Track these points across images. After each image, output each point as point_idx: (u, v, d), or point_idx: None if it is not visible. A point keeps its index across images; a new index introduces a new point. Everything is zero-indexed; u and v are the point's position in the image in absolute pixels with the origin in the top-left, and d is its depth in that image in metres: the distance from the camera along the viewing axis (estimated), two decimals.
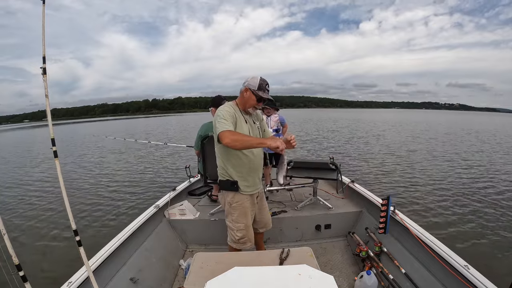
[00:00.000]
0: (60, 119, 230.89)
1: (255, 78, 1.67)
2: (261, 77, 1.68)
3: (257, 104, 1.71)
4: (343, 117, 44.47)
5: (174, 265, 2.26)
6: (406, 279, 1.76)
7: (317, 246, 2.50)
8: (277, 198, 3.07)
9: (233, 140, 1.46)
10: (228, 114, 1.59)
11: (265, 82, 1.68)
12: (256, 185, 1.81)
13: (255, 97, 1.68)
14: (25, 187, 6.91)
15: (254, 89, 1.66)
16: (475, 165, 7.62)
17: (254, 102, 1.70)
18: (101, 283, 1.48)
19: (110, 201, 5.41)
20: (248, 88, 1.67)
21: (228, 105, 1.70)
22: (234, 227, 1.78)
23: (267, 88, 1.69)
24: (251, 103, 1.70)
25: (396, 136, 15.83)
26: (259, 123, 1.86)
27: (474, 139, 14.11)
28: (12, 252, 1.23)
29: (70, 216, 1.38)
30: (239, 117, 1.68)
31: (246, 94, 1.68)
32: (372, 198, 2.52)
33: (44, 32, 1.25)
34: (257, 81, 1.66)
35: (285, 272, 1.09)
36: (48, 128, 1.36)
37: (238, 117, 1.67)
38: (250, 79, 1.68)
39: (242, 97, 1.71)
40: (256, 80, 1.66)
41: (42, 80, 1.28)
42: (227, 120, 1.56)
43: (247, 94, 1.68)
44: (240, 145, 1.50)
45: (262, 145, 1.55)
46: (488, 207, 4.50)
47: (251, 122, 1.77)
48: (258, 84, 1.65)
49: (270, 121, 3.39)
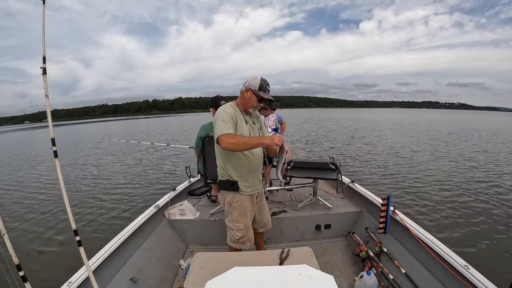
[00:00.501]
0: (61, 120, 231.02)
1: (256, 79, 1.68)
2: (262, 77, 1.69)
3: (258, 104, 1.72)
4: (343, 117, 44.47)
5: (174, 265, 2.26)
6: (406, 279, 1.76)
7: (317, 246, 2.50)
8: (277, 198, 3.06)
9: (232, 143, 1.49)
10: (228, 115, 1.60)
11: (265, 83, 1.68)
12: (256, 185, 1.82)
13: (256, 97, 1.68)
14: (25, 187, 6.92)
15: (255, 89, 1.66)
16: (475, 165, 7.61)
17: (255, 102, 1.71)
18: (101, 283, 1.48)
19: (110, 201, 5.42)
20: (249, 88, 1.67)
21: (228, 106, 1.71)
22: (233, 227, 1.78)
23: (268, 88, 1.70)
24: (252, 103, 1.71)
25: (396, 136, 15.82)
26: (259, 124, 1.87)
27: (476, 139, 14.10)
28: (12, 252, 1.23)
29: (70, 216, 1.38)
30: (240, 118, 1.69)
31: (247, 95, 1.69)
32: (372, 198, 2.52)
33: (44, 32, 1.26)
34: (258, 81, 1.67)
35: (285, 272, 1.09)
36: (48, 128, 1.37)
37: (238, 117, 1.67)
38: (251, 80, 1.68)
39: (243, 97, 1.71)
40: (257, 80, 1.67)
41: (42, 80, 1.28)
42: (226, 122, 1.56)
43: (248, 94, 1.68)
44: (238, 148, 1.54)
45: (260, 144, 1.59)
46: (488, 207, 4.50)
47: (251, 122, 1.78)
48: (259, 85, 1.66)
49: (268, 121, 3.39)
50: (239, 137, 1.56)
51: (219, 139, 1.51)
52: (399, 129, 20.23)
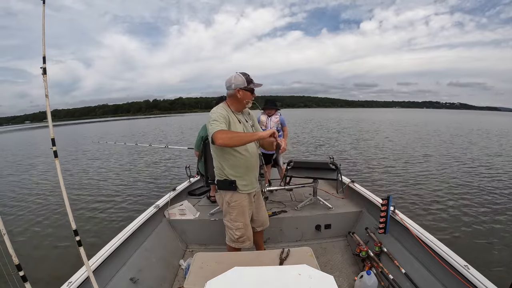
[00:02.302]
0: (61, 120, 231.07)
1: (239, 77, 1.69)
2: (239, 72, 1.71)
3: (252, 96, 1.75)
4: (344, 117, 44.43)
5: (174, 265, 2.26)
6: (406, 279, 1.76)
7: (317, 246, 2.50)
8: (277, 198, 3.06)
9: (227, 138, 1.49)
10: (221, 115, 1.61)
11: (246, 74, 1.71)
12: (253, 184, 1.82)
13: (249, 92, 1.71)
14: (25, 187, 6.92)
15: (245, 86, 1.69)
16: (476, 165, 7.60)
17: (250, 96, 1.74)
18: (101, 283, 1.48)
19: (110, 201, 5.42)
20: (239, 89, 1.69)
21: (220, 107, 1.72)
22: (232, 226, 1.79)
23: (251, 78, 1.73)
24: (248, 98, 1.73)
25: (397, 136, 15.80)
26: (251, 121, 1.89)
27: (478, 138, 14.09)
28: (12, 252, 1.23)
29: (70, 216, 1.38)
30: (232, 118, 1.70)
31: (240, 94, 1.70)
32: (372, 198, 2.52)
33: (44, 32, 1.26)
34: (242, 78, 1.68)
35: (285, 272, 1.09)
36: (48, 128, 1.37)
37: (231, 117, 1.69)
38: (234, 80, 1.69)
39: (236, 98, 1.72)
40: (240, 78, 1.68)
41: (42, 80, 1.28)
42: (219, 120, 1.57)
43: (241, 93, 1.70)
44: (234, 142, 1.53)
45: (255, 137, 1.59)
46: (489, 207, 4.49)
47: (244, 121, 1.79)
48: (245, 79, 1.68)
49: (270, 122, 3.38)
50: (233, 132, 1.58)
51: (214, 137, 1.51)
52: (399, 129, 20.21)
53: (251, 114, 1.93)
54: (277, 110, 3.45)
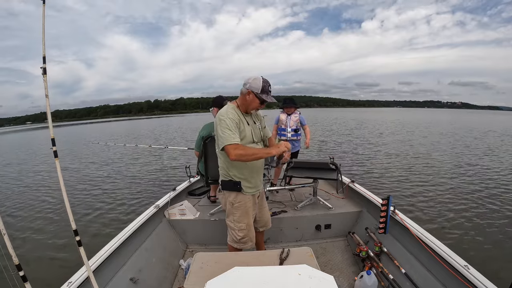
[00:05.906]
0: (62, 121, 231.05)
1: (257, 80, 1.60)
2: (263, 78, 1.61)
3: (260, 106, 1.69)
4: (344, 116, 44.34)
5: (174, 265, 2.26)
6: (406, 279, 1.76)
7: (317, 246, 2.50)
8: (277, 198, 3.06)
9: (240, 155, 1.50)
10: (233, 122, 1.57)
11: (267, 84, 1.62)
12: (258, 186, 1.82)
13: (258, 100, 1.63)
14: (25, 187, 6.93)
15: (257, 92, 1.60)
16: (476, 165, 7.58)
17: (257, 105, 1.67)
18: (101, 283, 1.48)
19: (110, 201, 5.42)
20: (251, 91, 1.61)
21: (231, 110, 1.65)
22: (235, 227, 1.78)
23: (270, 90, 1.64)
24: (254, 106, 1.67)
25: (397, 135, 15.77)
26: (260, 122, 1.86)
27: (479, 138, 14.06)
28: (12, 252, 1.23)
29: (70, 216, 1.38)
30: (242, 121, 1.66)
31: (249, 97, 1.63)
32: (372, 198, 2.52)
33: (44, 32, 1.26)
34: (260, 83, 1.59)
35: (285, 272, 1.09)
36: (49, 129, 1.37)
37: (241, 121, 1.65)
38: (252, 81, 1.60)
39: (244, 99, 1.66)
40: (259, 82, 1.59)
41: (43, 80, 1.29)
42: (232, 130, 1.54)
43: (250, 97, 1.62)
44: (246, 160, 1.56)
45: (268, 155, 1.58)
46: (489, 207, 4.48)
47: (252, 122, 1.75)
48: (261, 87, 1.59)
49: (289, 120, 3.36)
50: (247, 149, 1.54)
51: (227, 149, 1.51)
52: (400, 129, 20.18)
53: (259, 115, 1.87)
54: (296, 108, 3.43)
